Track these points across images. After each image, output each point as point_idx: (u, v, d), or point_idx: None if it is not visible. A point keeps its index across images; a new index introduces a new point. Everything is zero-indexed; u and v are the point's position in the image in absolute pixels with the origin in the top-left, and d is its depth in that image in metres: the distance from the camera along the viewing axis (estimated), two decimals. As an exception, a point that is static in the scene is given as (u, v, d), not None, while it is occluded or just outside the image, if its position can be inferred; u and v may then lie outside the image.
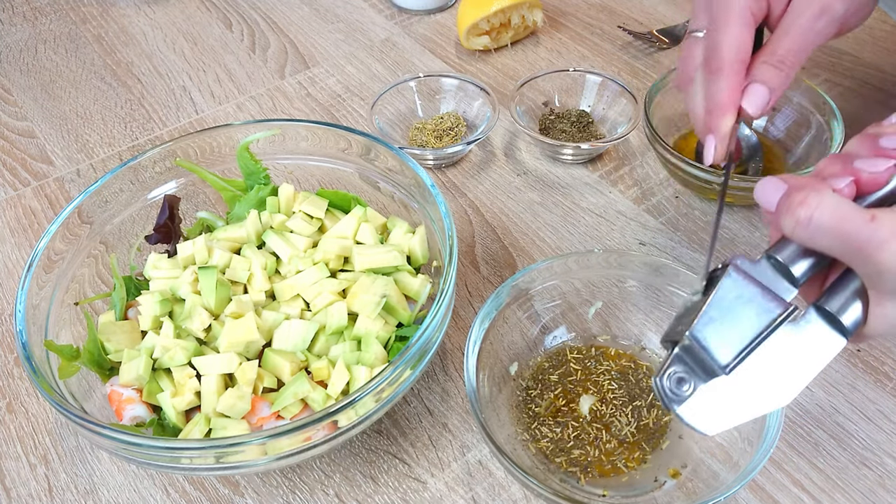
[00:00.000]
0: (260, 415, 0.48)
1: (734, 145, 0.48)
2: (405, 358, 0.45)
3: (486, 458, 0.53)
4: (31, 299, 0.50)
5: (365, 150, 0.60)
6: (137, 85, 0.88)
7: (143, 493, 0.52)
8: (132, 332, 0.53)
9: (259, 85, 0.87)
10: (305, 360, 0.51)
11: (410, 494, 0.51)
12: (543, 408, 0.53)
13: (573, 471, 0.50)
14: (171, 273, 0.55)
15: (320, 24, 0.96)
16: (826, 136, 0.67)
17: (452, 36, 0.93)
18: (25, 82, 0.90)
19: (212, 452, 0.42)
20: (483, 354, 0.51)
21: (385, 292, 0.52)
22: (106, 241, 0.58)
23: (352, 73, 0.88)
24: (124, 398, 0.50)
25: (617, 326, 0.57)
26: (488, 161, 0.76)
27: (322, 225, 0.59)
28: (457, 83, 0.79)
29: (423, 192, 0.56)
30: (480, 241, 0.68)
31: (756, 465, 0.43)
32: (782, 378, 0.38)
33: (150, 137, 0.81)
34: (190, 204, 0.63)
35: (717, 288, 0.38)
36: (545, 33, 0.92)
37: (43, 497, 0.53)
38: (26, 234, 0.72)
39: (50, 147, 0.81)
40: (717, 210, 0.45)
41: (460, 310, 0.62)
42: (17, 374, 0.60)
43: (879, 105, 0.78)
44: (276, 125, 0.61)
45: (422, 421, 0.55)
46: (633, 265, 0.55)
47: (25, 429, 0.57)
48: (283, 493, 0.52)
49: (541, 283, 0.55)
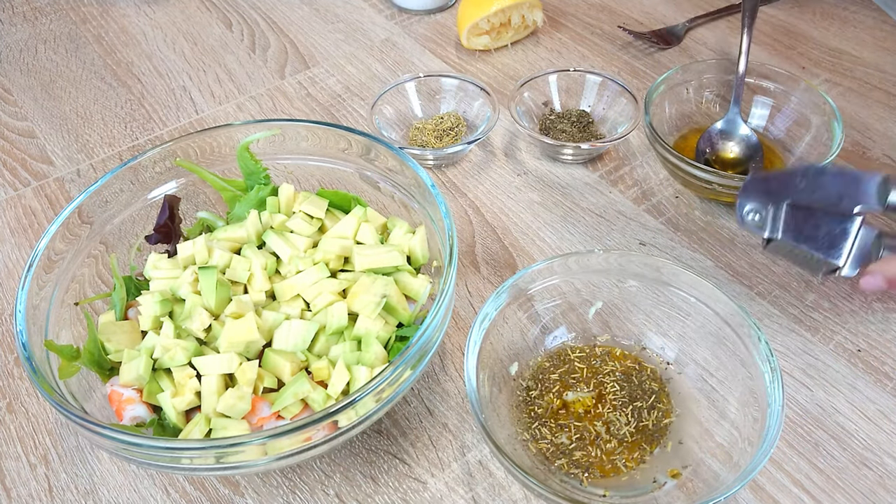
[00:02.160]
0: (260, 415, 0.48)
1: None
2: (405, 358, 0.45)
3: (487, 458, 0.53)
4: (31, 299, 0.50)
5: (365, 150, 0.60)
6: (137, 85, 0.88)
7: (143, 493, 0.52)
8: (132, 332, 0.53)
9: (259, 85, 0.87)
10: (305, 360, 0.51)
11: (410, 494, 0.51)
12: (544, 408, 0.53)
13: (575, 472, 0.50)
14: (171, 273, 0.55)
15: (320, 24, 0.96)
16: (826, 136, 0.67)
17: (452, 36, 0.93)
18: (25, 82, 0.90)
19: (212, 452, 0.42)
20: (483, 354, 0.51)
21: (385, 292, 0.52)
22: (106, 241, 0.58)
23: (352, 73, 0.88)
24: (124, 398, 0.50)
25: (617, 326, 0.57)
26: (488, 161, 0.76)
27: (322, 225, 0.59)
28: (457, 83, 0.79)
29: (423, 192, 0.56)
30: (480, 241, 0.68)
31: (756, 465, 0.43)
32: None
33: (150, 137, 0.81)
34: (190, 204, 0.63)
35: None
36: (545, 33, 0.92)
37: (43, 497, 0.53)
38: (26, 234, 0.72)
39: (50, 147, 0.81)
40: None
41: (460, 310, 0.62)
42: (17, 374, 0.60)
43: (879, 105, 0.78)
44: (276, 125, 0.61)
45: (422, 421, 0.55)
46: (633, 265, 0.55)
47: (25, 429, 0.57)
48: (283, 493, 0.52)
49: (541, 284, 0.55)
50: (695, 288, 0.53)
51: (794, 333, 0.59)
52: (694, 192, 0.70)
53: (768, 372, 0.47)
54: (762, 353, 0.48)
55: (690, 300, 0.53)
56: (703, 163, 0.69)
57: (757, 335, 0.49)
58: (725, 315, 0.51)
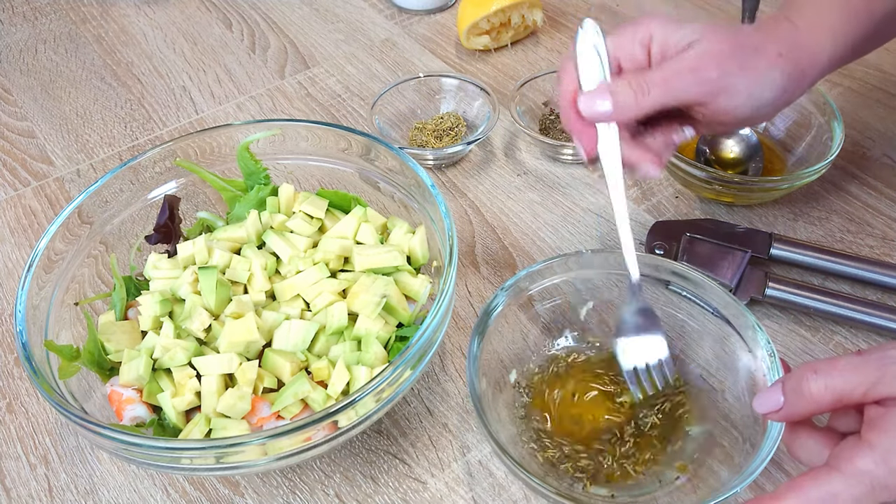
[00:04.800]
0: (260, 415, 0.48)
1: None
2: (405, 358, 0.45)
3: (487, 458, 0.53)
4: (31, 299, 0.50)
5: (365, 150, 0.60)
6: (137, 85, 0.88)
7: (143, 493, 0.52)
8: (132, 332, 0.53)
9: (259, 85, 0.87)
10: (305, 360, 0.51)
11: (410, 495, 0.51)
12: (551, 417, 0.52)
13: (580, 476, 0.49)
14: (171, 273, 0.55)
15: (320, 24, 0.96)
16: (826, 136, 0.66)
17: (452, 36, 0.93)
18: (25, 82, 0.90)
19: (212, 453, 0.42)
20: (484, 359, 0.50)
21: (385, 292, 0.52)
22: (106, 241, 0.58)
23: (352, 73, 0.88)
24: (124, 398, 0.50)
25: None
26: (488, 161, 0.76)
27: (322, 225, 0.59)
28: (457, 83, 0.79)
29: (423, 192, 0.56)
30: (480, 241, 0.68)
31: (757, 467, 0.43)
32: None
33: (150, 137, 0.81)
34: (190, 204, 0.63)
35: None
36: (545, 33, 0.92)
37: (43, 497, 0.53)
38: (26, 234, 0.72)
39: (50, 147, 0.81)
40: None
41: (460, 310, 0.62)
42: (17, 374, 0.60)
43: (879, 105, 0.78)
44: (276, 125, 0.61)
45: (422, 421, 0.55)
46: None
47: (25, 429, 0.57)
48: (283, 494, 0.52)
49: (541, 285, 0.55)
50: (698, 287, 0.52)
51: (794, 333, 0.59)
52: (694, 192, 0.70)
53: (769, 371, 0.47)
54: (763, 352, 0.48)
55: (691, 299, 0.53)
56: (703, 163, 0.69)
57: (761, 336, 0.48)
58: (728, 315, 0.51)
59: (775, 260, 0.62)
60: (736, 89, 0.47)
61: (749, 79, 0.47)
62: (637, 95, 0.46)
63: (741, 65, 0.47)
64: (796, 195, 0.69)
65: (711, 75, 0.46)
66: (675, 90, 0.47)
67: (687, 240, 0.62)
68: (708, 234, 0.62)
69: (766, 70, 0.47)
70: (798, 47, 0.49)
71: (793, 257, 0.62)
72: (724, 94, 0.47)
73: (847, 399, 0.37)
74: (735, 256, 0.60)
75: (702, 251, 0.61)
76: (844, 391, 0.37)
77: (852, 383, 0.37)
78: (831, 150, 0.64)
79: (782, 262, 0.63)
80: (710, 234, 0.62)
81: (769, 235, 0.62)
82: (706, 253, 0.61)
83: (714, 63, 0.46)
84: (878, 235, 0.66)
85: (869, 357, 0.37)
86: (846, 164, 0.72)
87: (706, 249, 0.61)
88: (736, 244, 0.61)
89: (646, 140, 0.50)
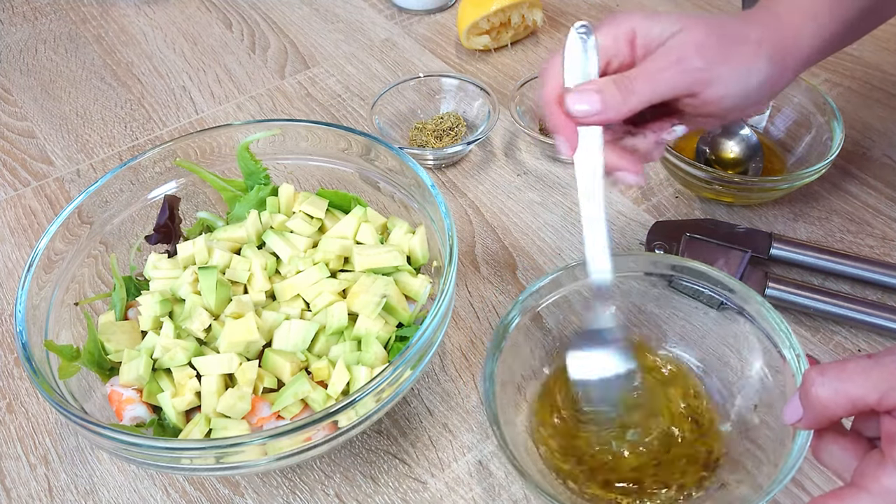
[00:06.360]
0: (260, 415, 0.48)
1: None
2: (405, 358, 0.45)
3: (487, 458, 0.53)
4: (31, 299, 0.50)
5: (365, 150, 0.60)
6: (137, 85, 0.88)
7: (143, 493, 0.52)
8: (132, 332, 0.53)
9: (259, 85, 0.87)
10: (305, 360, 0.51)
11: (410, 495, 0.51)
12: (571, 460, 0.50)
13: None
14: (171, 273, 0.55)
15: (320, 24, 0.96)
16: (826, 136, 0.66)
17: (452, 36, 0.93)
18: (25, 82, 0.90)
19: (212, 453, 0.42)
20: (500, 373, 0.49)
21: (385, 292, 0.52)
22: (106, 241, 0.58)
23: (352, 73, 0.88)
24: (124, 398, 0.50)
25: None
26: (488, 161, 0.76)
27: (322, 225, 0.59)
28: (457, 83, 0.79)
29: (423, 192, 0.56)
30: (480, 241, 0.68)
31: (778, 485, 0.42)
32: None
33: (150, 137, 0.81)
34: (190, 204, 0.63)
35: None
36: (545, 33, 0.92)
37: (43, 497, 0.53)
38: (26, 234, 0.72)
39: (50, 147, 0.81)
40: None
41: (460, 310, 0.62)
42: (17, 374, 0.60)
43: (879, 105, 0.78)
44: (276, 125, 0.61)
45: (422, 421, 0.55)
46: (634, 265, 0.54)
47: (25, 429, 0.57)
48: (283, 494, 0.52)
49: (550, 297, 0.53)
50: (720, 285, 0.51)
51: (794, 333, 0.59)
52: (694, 192, 0.70)
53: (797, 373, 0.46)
54: (792, 360, 0.47)
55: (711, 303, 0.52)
56: (703, 163, 0.69)
57: (792, 347, 0.47)
58: (755, 317, 0.50)
59: (775, 260, 0.62)
60: (721, 79, 0.47)
61: (733, 67, 0.47)
62: (624, 93, 0.46)
63: (724, 53, 0.47)
64: (796, 195, 0.69)
65: (696, 65, 0.46)
66: (661, 84, 0.46)
67: (687, 240, 0.62)
68: (708, 234, 0.62)
69: (750, 57, 0.47)
70: (778, 32, 0.48)
71: (793, 257, 0.62)
72: (710, 85, 0.47)
73: (861, 404, 0.36)
74: (735, 256, 0.60)
75: (702, 251, 0.61)
76: (858, 396, 0.36)
77: (865, 388, 0.36)
78: (831, 150, 0.64)
79: (782, 262, 0.63)
80: (710, 234, 0.62)
81: (769, 235, 0.62)
82: (706, 253, 0.61)
83: (697, 53, 0.46)
84: (878, 235, 0.66)
85: (880, 360, 0.36)
86: (846, 164, 0.72)
87: (706, 249, 0.61)
88: (736, 244, 0.61)
89: (636, 140, 0.50)
